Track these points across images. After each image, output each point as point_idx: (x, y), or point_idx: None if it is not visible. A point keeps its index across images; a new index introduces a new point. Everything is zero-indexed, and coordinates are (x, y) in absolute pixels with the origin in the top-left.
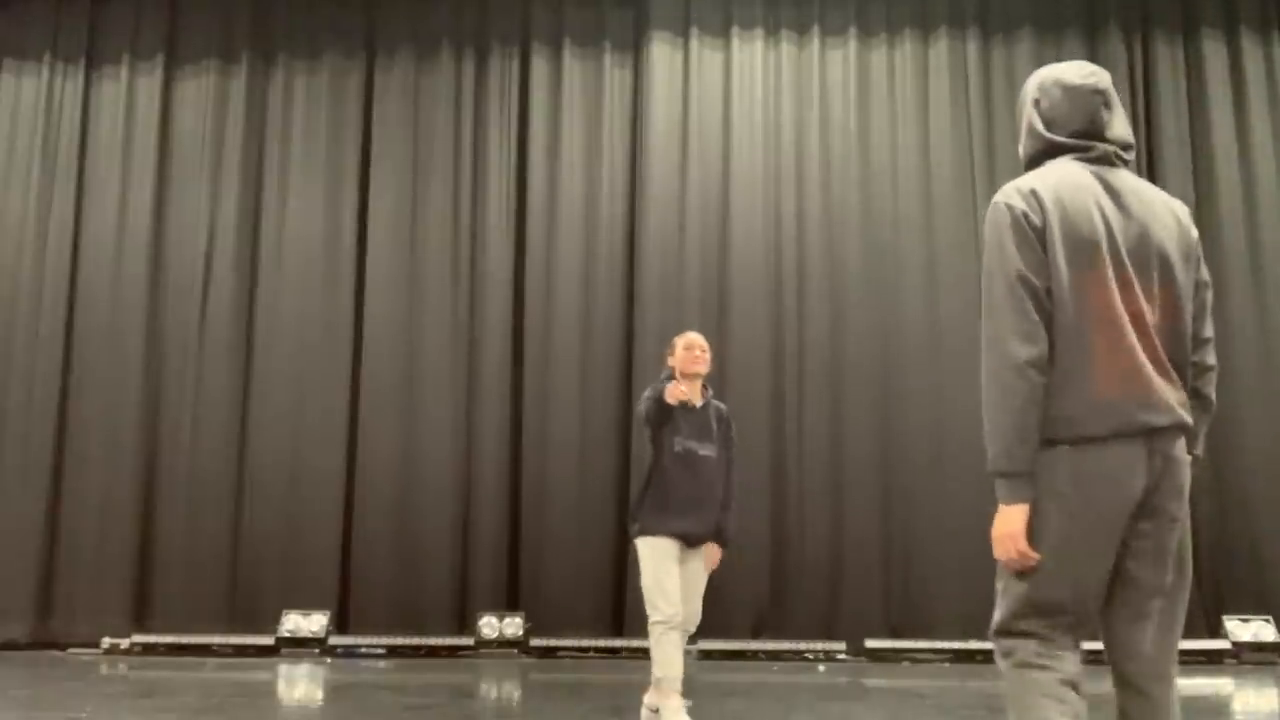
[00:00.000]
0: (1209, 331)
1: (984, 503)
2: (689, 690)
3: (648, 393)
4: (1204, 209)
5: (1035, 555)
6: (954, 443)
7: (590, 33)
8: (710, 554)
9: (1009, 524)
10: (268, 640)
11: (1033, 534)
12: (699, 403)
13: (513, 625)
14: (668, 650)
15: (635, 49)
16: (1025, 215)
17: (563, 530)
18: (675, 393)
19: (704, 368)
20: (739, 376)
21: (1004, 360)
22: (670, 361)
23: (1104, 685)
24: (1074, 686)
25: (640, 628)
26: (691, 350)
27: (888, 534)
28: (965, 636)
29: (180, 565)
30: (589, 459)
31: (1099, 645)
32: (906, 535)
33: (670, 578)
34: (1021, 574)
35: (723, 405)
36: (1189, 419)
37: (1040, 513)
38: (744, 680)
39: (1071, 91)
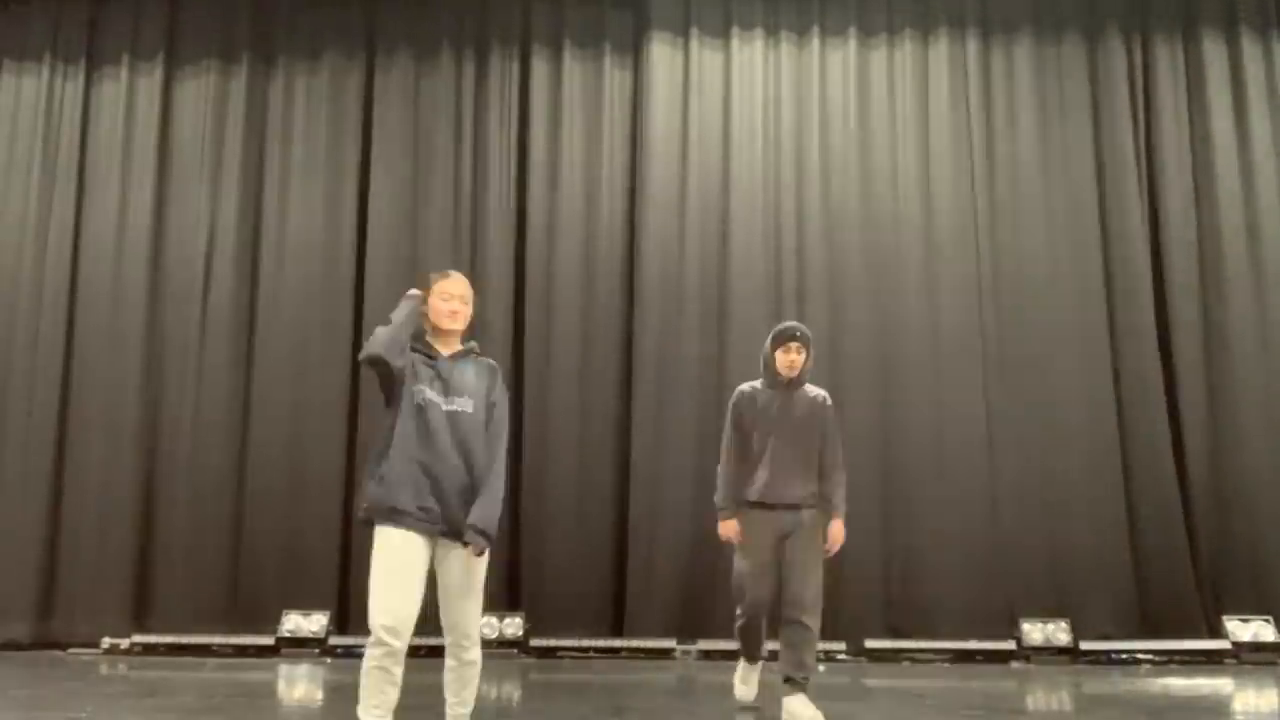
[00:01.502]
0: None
1: (984, 503)
2: (689, 689)
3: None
4: (1204, 209)
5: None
6: (954, 442)
7: (590, 33)
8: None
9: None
10: (268, 640)
11: (743, 548)
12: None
13: (513, 625)
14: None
15: (635, 49)
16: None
17: (563, 530)
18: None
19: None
20: (739, 376)
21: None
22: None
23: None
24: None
25: (640, 627)
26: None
27: (888, 533)
28: (965, 636)
29: (180, 565)
30: (589, 459)
31: (1101, 646)
32: (906, 535)
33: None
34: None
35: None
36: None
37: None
38: None
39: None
